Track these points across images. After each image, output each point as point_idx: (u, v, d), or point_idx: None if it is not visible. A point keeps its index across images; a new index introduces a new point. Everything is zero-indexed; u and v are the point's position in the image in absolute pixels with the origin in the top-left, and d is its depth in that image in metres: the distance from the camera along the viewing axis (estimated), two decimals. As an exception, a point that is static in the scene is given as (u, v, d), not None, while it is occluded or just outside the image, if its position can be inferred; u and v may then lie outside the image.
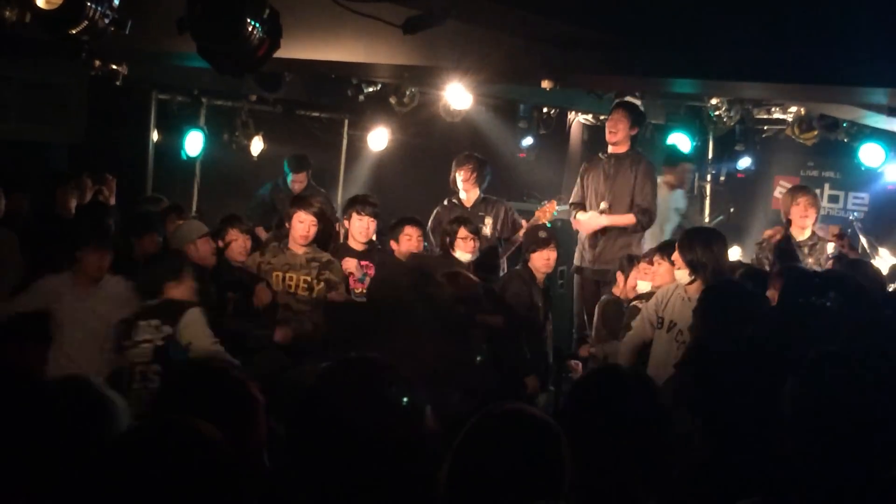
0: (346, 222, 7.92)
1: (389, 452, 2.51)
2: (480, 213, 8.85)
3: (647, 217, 8.46)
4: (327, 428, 2.53)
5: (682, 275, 6.39)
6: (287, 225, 7.55)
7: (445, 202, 9.05)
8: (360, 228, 7.69)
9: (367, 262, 7.73)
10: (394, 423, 2.55)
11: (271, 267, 7.29)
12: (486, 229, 8.67)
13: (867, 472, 2.94)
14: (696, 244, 6.35)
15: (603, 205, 8.51)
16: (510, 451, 2.59)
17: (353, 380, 2.63)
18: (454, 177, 8.96)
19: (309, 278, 7.32)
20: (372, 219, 7.72)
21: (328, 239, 7.98)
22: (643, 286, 7.26)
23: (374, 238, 8.16)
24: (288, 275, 7.30)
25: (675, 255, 6.46)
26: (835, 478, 2.95)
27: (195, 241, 7.09)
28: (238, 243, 7.41)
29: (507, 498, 2.54)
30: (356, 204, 7.84)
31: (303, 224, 7.31)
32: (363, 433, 2.50)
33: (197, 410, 2.50)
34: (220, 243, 7.39)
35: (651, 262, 7.21)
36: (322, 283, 7.28)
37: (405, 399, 2.60)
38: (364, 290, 7.57)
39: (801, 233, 8.24)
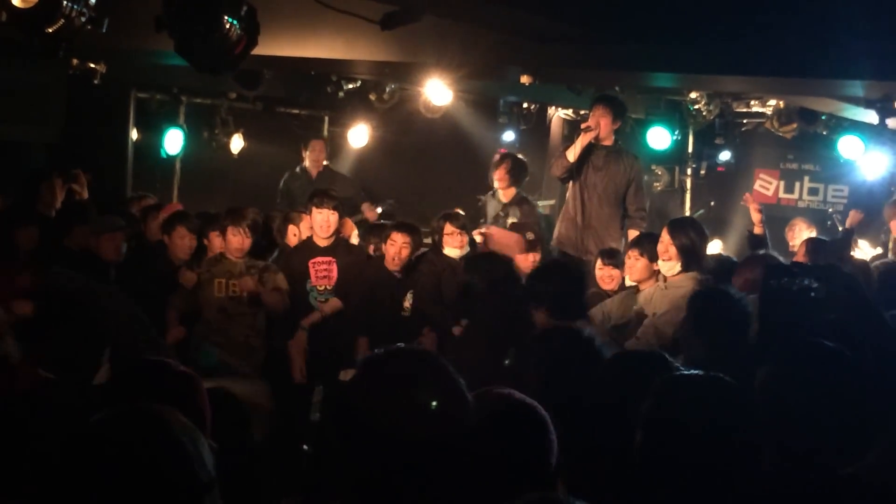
0: (307, 219, 7.87)
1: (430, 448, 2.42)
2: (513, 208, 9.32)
3: (646, 213, 8.74)
4: (367, 423, 2.44)
5: (670, 266, 6.26)
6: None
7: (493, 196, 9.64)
8: (319, 222, 7.62)
9: (329, 258, 7.67)
10: (435, 418, 2.45)
11: (211, 275, 7.25)
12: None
13: (829, 467, 2.95)
14: (690, 230, 6.30)
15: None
16: (497, 436, 2.58)
17: (396, 374, 2.53)
18: (491, 175, 9.53)
19: (253, 281, 7.34)
20: (332, 211, 7.62)
21: (271, 245, 8.03)
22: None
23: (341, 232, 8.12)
24: (231, 282, 7.29)
25: (664, 246, 6.27)
26: (799, 471, 2.96)
27: (98, 237, 7.34)
28: (183, 242, 7.56)
29: (496, 484, 2.51)
30: (314, 198, 7.80)
31: (236, 238, 7.30)
32: (404, 429, 2.41)
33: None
34: (166, 239, 7.63)
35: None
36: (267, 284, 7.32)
37: (447, 393, 2.49)
38: (327, 287, 7.56)
39: None
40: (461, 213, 8.18)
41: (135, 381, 3.01)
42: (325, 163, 11.17)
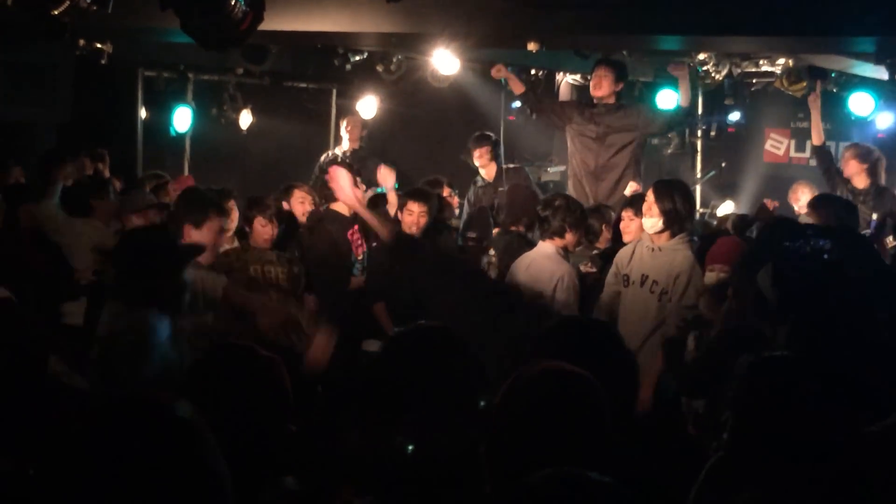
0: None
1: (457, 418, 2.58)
2: (501, 189, 9.07)
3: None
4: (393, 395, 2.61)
5: (652, 223, 6.24)
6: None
7: (477, 181, 9.64)
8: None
9: (356, 226, 7.62)
10: (457, 392, 2.61)
11: (244, 263, 6.89)
12: None
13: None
14: (675, 194, 6.31)
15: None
16: (549, 409, 2.59)
17: (422, 348, 2.71)
18: (472, 157, 9.61)
19: (285, 269, 7.15)
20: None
21: (293, 232, 7.83)
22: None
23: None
24: (266, 268, 7.14)
25: (648, 205, 6.27)
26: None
27: (129, 216, 7.31)
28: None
29: (547, 456, 2.53)
30: (329, 167, 7.79)
31: (265, 228, 7.10)
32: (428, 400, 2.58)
33: (229, 388, 2.79)
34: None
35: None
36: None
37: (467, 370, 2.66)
38: (363, 256, 7.53)
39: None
40: None
41: (221, 364, 3.04)
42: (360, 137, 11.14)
